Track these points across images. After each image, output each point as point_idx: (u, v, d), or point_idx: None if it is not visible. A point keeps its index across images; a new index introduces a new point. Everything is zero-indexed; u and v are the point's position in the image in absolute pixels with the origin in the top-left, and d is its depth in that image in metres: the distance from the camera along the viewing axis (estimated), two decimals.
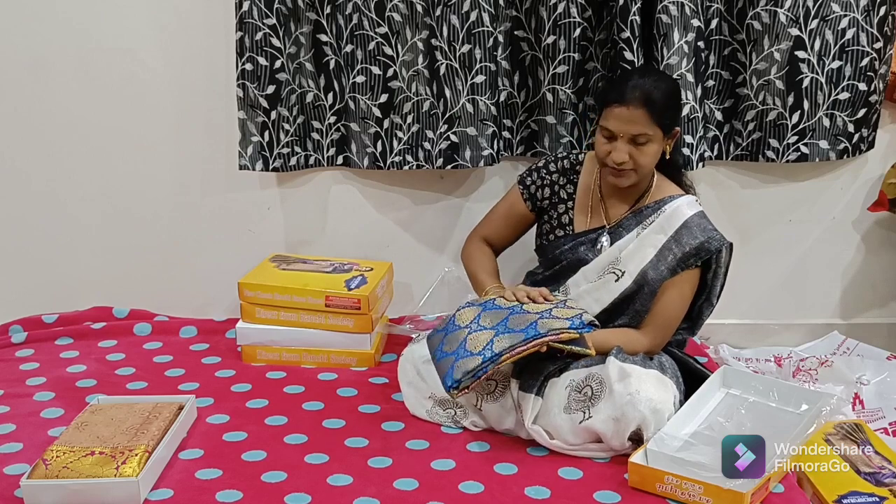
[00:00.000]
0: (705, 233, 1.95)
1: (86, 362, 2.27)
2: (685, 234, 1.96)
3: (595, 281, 2.01)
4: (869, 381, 2.26)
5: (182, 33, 2.40)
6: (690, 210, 1.98)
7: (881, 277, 2.61)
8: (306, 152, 2.46)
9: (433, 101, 2.36)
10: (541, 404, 1.85)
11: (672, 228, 1.97)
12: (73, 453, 1.70)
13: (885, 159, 2.47)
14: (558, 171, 2.13)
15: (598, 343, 1.86)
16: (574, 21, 2.27)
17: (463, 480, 1.73)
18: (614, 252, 2.01)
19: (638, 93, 1.88)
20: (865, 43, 2.31)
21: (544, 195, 2.13)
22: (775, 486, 1.70)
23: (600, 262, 2.02)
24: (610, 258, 2.01)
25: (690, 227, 1.96)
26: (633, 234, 2.01)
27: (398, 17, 2.31)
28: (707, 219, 2.00)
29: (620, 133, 1.91)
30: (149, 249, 2.59)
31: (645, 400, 1.76)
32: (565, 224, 2.11)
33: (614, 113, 1.91)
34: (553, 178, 2.13)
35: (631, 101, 1.88)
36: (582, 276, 2.04)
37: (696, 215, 1.98)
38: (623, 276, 1.98)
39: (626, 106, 1.89)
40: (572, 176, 2.11)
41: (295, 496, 1.68)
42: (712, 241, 1.95)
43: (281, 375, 2.21)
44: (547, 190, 2.13)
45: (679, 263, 1.95)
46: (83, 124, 2.48)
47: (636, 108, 1.88)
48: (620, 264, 1.99)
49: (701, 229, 1.96)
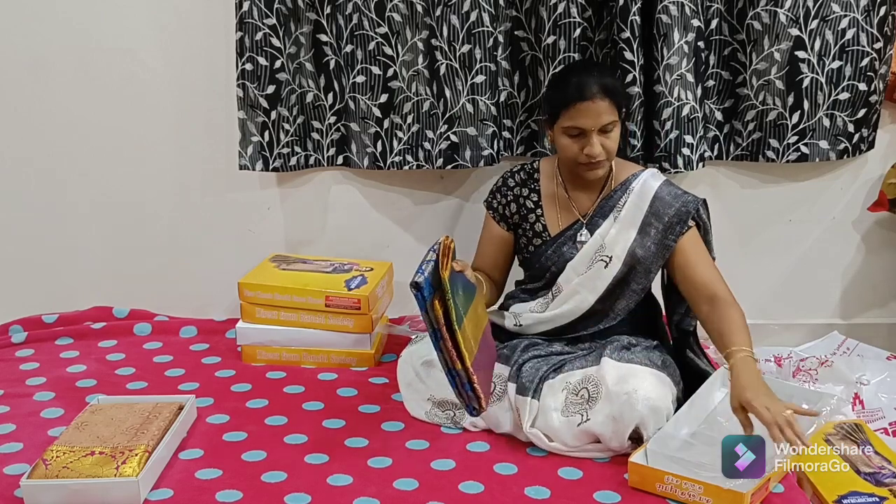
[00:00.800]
0: (678, 199, 1.99)
1: (86, 362, 2.27)
2: (659, 205, 1.98)
3: (585, 272, 2.02)
4: (869, 381, 2.26)
5: (182, 33, 2.40)
6: (656, 181, 2.02)
7: (881, 277, 2.61)
8: (306, 152, 2.46)
9: (433, 101, 2.37)
10: (538, 407, 1.85)
11: (646, 203, 1.99)
12: (73, 453, 1.70)
13: (885, 159, 2.46)
14: (517, 184, 2.13)
15: (751, 377, 1.71)
16: (574, 21, 2.27)
17: (463, 480, 1.73)
18: (597, 240, 2.02)
19: (596, 86, 1.91)
20: (865, 43, 2.31)
21: (512, 211, 2.14)
22: (775, 486, 1.70)
23: (585, 254, 2.03)
24: (594, 247, 2.02)
25: (662, 196, 1.99)
26: (609, 219, 2.02)
27: (398, 17, 2.31)
28: (673, 184, 2.04)
29: (591, 127, 1.92)
30: (149, 249, 2.59)
31: (643, 399, 1.76)
32: (540, 231, 2.11)
33: (580, 110, 1.91)
34: (515, 192, 2.13)
35: (594, 94, 1.90)
36: (571, 271, 2.04)
37: (663, 185, 2.01)
38: (612, 260, 1.99)
39: (591, 100, 1.90)
40: (532, 184, 2.12)
41: (295, 496, 1.68)
42: (687, 203, 1.98)
43: (281, 375, 2.21)
44: (513, 205, 2.13)
45: (665, 234, 1.97)
46: (83, 124, 2.48)
47: (600, 99, 1.90)
48: (606, 251, 2.00)
49: (673, 196, 1.99)
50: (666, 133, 2.32)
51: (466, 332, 1.67)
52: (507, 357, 1.98)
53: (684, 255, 1.96)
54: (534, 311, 2.08)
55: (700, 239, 2.00)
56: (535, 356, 1.96)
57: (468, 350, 1.65)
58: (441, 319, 1.62)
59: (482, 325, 1.84)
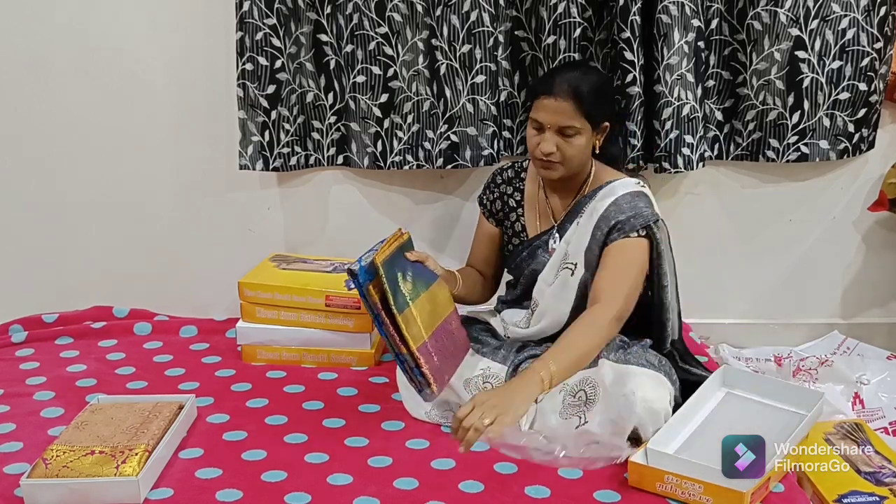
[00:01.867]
0: (633, 209, 1.92)
1: (86, 362, 2.27)
2: (612, 209, 1.93)
3: (553, 282, 2.00)
4: (869, 380, 2.26)
5: (182, 33, 2.40)
6: (624, 190, 1.96)
7: (881, 277, 2.60)
8: (306, 152, 2.46)
9: (433, 101, 2.37)
10: (535, 409, 1.85)
11: (603, 207, 1.95)
12: (73, 452, 1.70)
13: (886, 159, 2.46)
14: (504, 182, 2.14)
15: (558, 366, 1.76)
16: (574, 21, 2.27)
17: (463, 480, 1.73)
18: (563, 247, 2.01)
19: (566, 85, 1.89)
20: (866, 43, 2.31)
21: (498, 208, 2.15)
22: (775, 486, 1.70)
23: (553, 262, 2.02)
24: (560, 255, 2.01)
25: (619, 203, 1.94)
26: (574, 224, 2.01)
27: (398, 17, 2.31)
28: (642, 198, 1.95)
29: (548, 124, 1.91)
30: (149, 249, 2.59)
31: (640, 401, 1.75)
32: (519, 231, 2.11)
33: (543, 104, 1.91)
34: (501, 189, 2.14)
35: (559, 93, 1.89)
36: (542, 282, 2.03)
37: (628, 194, 1.95)
38: (576, 267, 1.96)
39: (554, 97, 1.89)
40: (518, 184, 2.13)
41: (295, 495, 1.68)
42: (639, 216, 1.91)
43: (281, 375, 2.21)
44: (499, 202, 2.15)
45: (607, 236, 1.92)
46: (83, 124, 2.48)
47: (564, 99, 1.89)
48: (570, 258, 1.98)
49: (630, 206, 1.93)
50: (666, 133, 2.32)
51: (414, 317, 1.74)
52: (504, 357, 1.98)
53: (605, 257, 1.91)
54: (518, 327, 2.08)
55: (633, 253, 1.91)
56: (531, 356, 1.95)
57: (413, 335, 1.72)
58: (378, 304, 1.70)
59: (443, 313, 1.87)
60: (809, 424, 1.83)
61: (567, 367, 1.81)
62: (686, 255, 2.56)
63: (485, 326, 2.14)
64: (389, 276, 1.72)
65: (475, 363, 1.98)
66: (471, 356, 1.99)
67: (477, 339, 2.06)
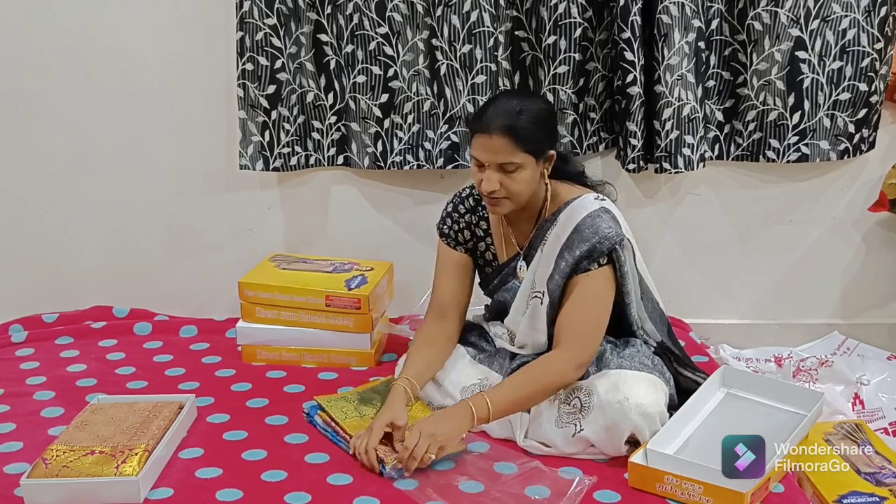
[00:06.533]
0: (596, 234, 1.83)
1: (86, 362, 2.27)
2: (575, 237, 1.85)
3: (525, 312, 1.95)
4: (869, 381, 2.26)
5: (182, 33, 2.41)
6: (584, 212, 1.87)
7: (881, 277, 2.60)
8: (307, 152, 2.46)
9: (434, 101, 2.37)
10: (528, 420, 1.84)
11: (565, 235, 1.86)
12: (73, 452, 1.70)
13: (886, 160, 2.46)
14: (468, 210, 2.04)
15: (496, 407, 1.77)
16: (575, 21, 2.28)
17: (463, 480, 1.73)
18: (530, 276, 1.94)
19: (499, 121, 1.79)
20: (866, 43, 2.31)
21: (466, 237, 2.05)
22: (775, 486, 1.69)
23: (522, 292, 1.96)
24: (528, 284, 1.94)
25: (581, 230, 1.84)
26: (538, 252, 1.93)
27: (399, 17, 2.31)
28: (603, 216, 1.86)
29: (487, 162, 1.82)
30: (149, 249, 2.59)
31: (634, 406, 1.73)
32: (490, 260, 2.05)
33: (479, 142, 1.82)
34: (466, 218, 2.04)
35: (493, 130, 1.79)
36: (516, 312, 1.98)
37: (589, 216, 1.86)
38: (544, 295, 1.90)
39: (489, 135, 1.80)
40: (481, 211, 2.03)
41: (295, 495, 1.68)
42: (603, 241, 1.82)
43: (281, 375, 2.21)
44: (466, 232, 2.04)
45: (573, 268, 1.85)
46: (83, 124, 2.48)
47: (499, 136, 1.79)
48: (538, 286, 1.91)
49: (592, 231, 1.83)
50: (666, 133, 2.32)
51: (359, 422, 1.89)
52: (500, 366, 1.97)
53: (572, 289, 1.85)
54: (503, 340, 2.05)
55: (597, 287, 1.85)
56: (523, 363, 1.93)
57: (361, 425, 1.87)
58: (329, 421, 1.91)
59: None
60: (809, 424, 1.83)
61: (504, 410, 1.80)
62: (686, 256, 2.58)
63: (481, 332, 2.12)
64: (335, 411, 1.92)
65: (473, 371, 1.98)
66: (469, 363, 1.99)
67: (474, 346, 2.06)
